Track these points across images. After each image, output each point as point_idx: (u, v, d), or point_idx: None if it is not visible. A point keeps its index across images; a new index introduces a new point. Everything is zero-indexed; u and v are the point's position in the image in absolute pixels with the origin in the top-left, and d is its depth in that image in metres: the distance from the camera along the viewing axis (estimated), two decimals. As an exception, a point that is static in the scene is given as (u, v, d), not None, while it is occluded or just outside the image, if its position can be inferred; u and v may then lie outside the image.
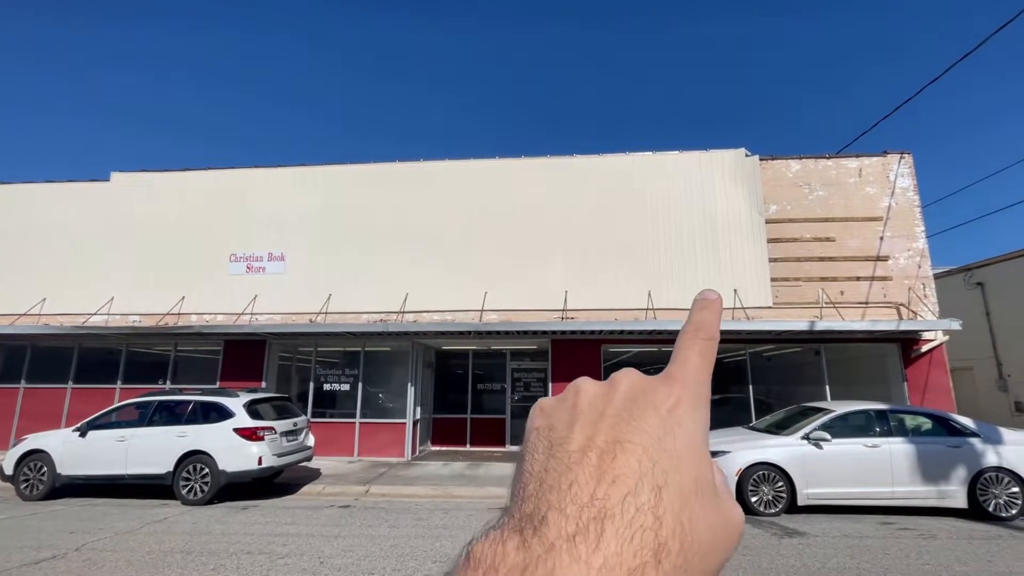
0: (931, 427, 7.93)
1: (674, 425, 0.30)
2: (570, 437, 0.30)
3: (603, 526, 0.25)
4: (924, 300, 11.52)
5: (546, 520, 0.26)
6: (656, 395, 0.31)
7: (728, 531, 0.29)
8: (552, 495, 0.27)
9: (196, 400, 8.76)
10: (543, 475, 0.28)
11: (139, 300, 13.07)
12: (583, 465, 0.28)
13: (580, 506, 0.26)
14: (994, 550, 6.02)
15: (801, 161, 12.47)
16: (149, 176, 14.08)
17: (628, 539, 0.25)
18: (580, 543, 0.25)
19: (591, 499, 0.26)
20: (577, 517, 0.26)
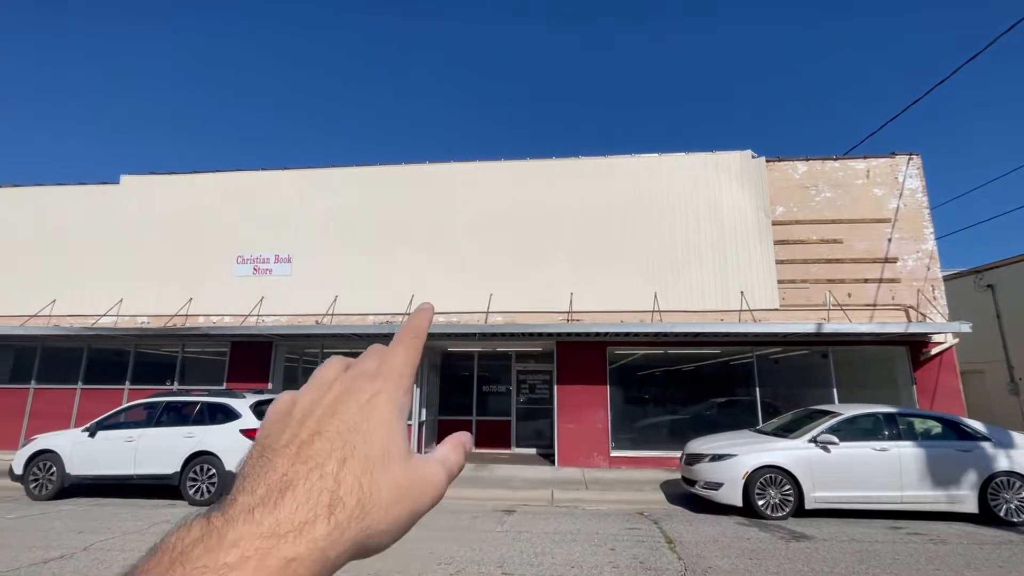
0: (941, 431, 7.85)
1: (371, 410, 0.37)
2: (280, 438, 0.35)
3: (284, 495, 0.30)
4: (933, 302, 11.41)
5: (235, 501, 0.31)
6: (361, 390, 0.38)
7: (416, 488, 0.36)
8: (247, 483, 0.32)
9: (203, 401, 8.82)
10: (247, 472, 0.33)
11: (148, 301, 13.19)
12: (283, 455, 0.33)
13: (269, 485, 0.31)
14: (1005, 555, 5.94)
15: (808, 162, 12.40)
16: (158, 179, 14.22)
17: (304, 501, 0.30)
18: (257, 511, 0.30)
19: (281, 477, 0.32)
20: (263, 494, 0.31)
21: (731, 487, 7.58)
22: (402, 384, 0.40)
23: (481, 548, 6.05)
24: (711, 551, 6.02)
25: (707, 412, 12.10)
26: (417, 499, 0.36)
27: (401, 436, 0.37)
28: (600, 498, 8.79)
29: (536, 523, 7.21)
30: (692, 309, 11.71)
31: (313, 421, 0.36)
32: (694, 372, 12.57)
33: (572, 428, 11.66)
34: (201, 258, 13.37)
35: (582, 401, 11.76)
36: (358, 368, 0.41)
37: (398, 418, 0.38)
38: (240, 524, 0.29)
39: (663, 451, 11.34)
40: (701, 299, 11.80)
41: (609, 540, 6.43)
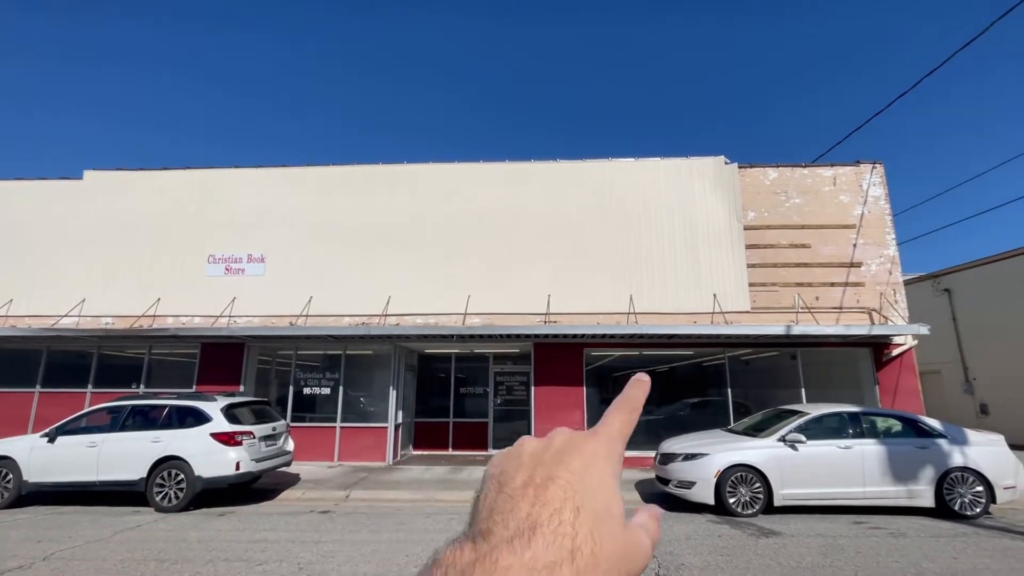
0: (901, 429, 8.19)
1: (592, 467, 0.39)
2: (515, 478, 0.39)
3: (534, 533, 0.34)
4: (895, 306, 11.89)
5: (492, 531, 0.35)
6: (582, 446, 0.41)
7: (631, 553, 0.37)
8: (498, 516, 0.36)
9: (171, 404, 8.57)
10: (493, 506, 0.37)
11: (112, 302, 12.74)
12: (524, 496, 0.37)
13: (518, 521, 0.35)
14: (959, 547, 6.24)
15: (778, 169, 12.79)
16: (124, 175, 13.75)
17: (551, 542, 0.33)
18: (516, 543, 0.33)
19: (526, 516, 0.35)
20: (515, 528, 0.34)
21: (703, 486, 7.76)
22: (618, 448, 0.43)
23: (458, 550, 6.03)
24: (683, 549, 6.15)
25: (680, 412, 12.34)
26: (632, 563, 0.37)
27: (619, 499, 0.39)
28: (576, 498, 8.84)
29: (513, 524, 7.22)
30: (666, 311, 11.93)
31: (544, 468, 0.39)
32: (668, 373, 12.81)
33: (549, 429, 11.58)
34: (170, 257, 12.98)
35: (559, 402, 11.85)
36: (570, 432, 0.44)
37: (615, 479, 0.40)
38: (506, 553, 0.32)
39: (638, 451, 11.51)
40: (675, 301, 12.04)
41: (585, 540, 6.48)
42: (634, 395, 0.47)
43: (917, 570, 5.46)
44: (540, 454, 0.41)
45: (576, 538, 0.34)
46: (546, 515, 0.35)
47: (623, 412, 0.45)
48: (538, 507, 0.35)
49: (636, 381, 0.48)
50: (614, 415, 0.45)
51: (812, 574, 5.35)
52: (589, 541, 0.34)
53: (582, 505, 0.36)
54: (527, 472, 0.39)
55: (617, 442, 0.43)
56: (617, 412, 0.45)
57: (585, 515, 0.35)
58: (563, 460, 0.39)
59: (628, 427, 0.44)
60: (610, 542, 0.35)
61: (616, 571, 0.35)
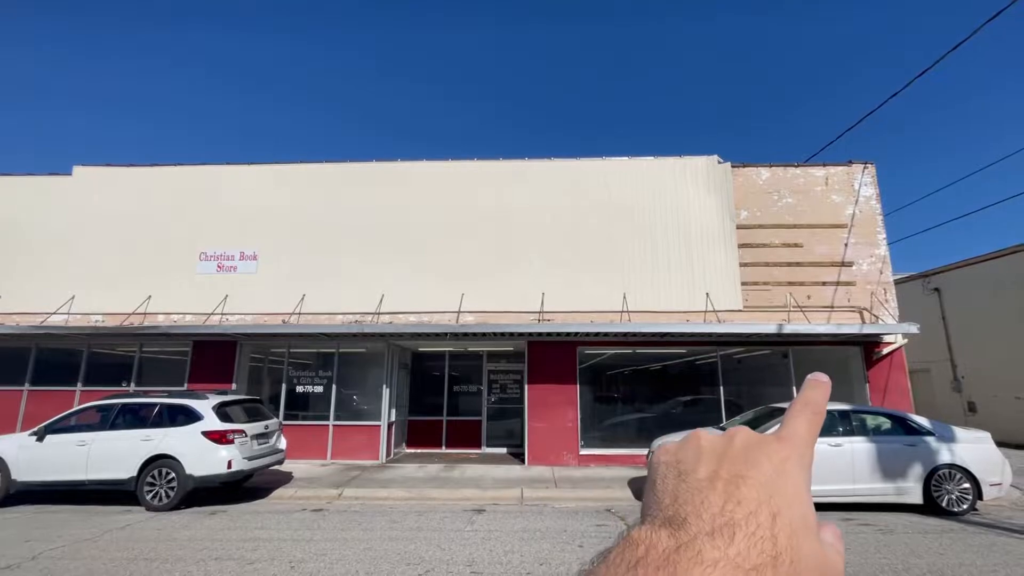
0: (890, 426, 8.28)
1: (785, 475, 0.36)
2: (697, 469, 0.37)
3: (734, 531, 0.32)
4: (885, 305, 12.00)
5: (687, 521, 0.33)
6: (769, 448, 0.38)
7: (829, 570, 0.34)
8: (688, 506, 0.34)
9: (162, 402, 8.51)
10: (676, 493, 0.35)
11: (102, 299, 12.61)
12: (712, 489, 0.35)
13: (713, 515, 0.33)
14: (946, 543, 6.32)
15: (771, 169, 12.86)
16: (114, 171, 13.61)
17: (753, 543, 0.31)
18: (717, 538, 0.31)
19: (721, 511, 0.33)
20: (711, 522, 0.32)
21: (695, 483, 7.79)
22: (808, 455, 0.39)
23: (451, 548, 6.06)
24: (675, 545, 6.18)
25: (673, 410, 12.41)
26: None
27: (813, 511, 0.36)
28: (569, 496, 8.90)
29: (506, 522, 7.25)
30: (659, 310, 11.98)
31: (730, 463, 0.36)
32: (661, 371, 12.87)
33: (542, 427, 11.76)
34: (161, 254, 12.87)
35: (552, 400, 11.88)
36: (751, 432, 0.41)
37: (808, 489, 0.37)
38: (710, 547, 0.31)
39: (631, 449, 11.57)
40: (668, 300, 12.09)
41: (577, 537, 6.53)
42: (815, 397, 0.42)
43: (904, 566, 5.52)
44: (721, 449, 0.38)
45: (777, 544, 0.31)
46: (742, 514, 0.33)
47: (807, 415, 0.41)
48: (732, 504, 0.33)
49: (815, 382, 0.44)
50: (798, 419, 0.41)
51: (802, 570, 5.40)
52: (789, 551, 0.31)
53: (779, 512, 0.33)
54: (711, 465, 0.37)
55: (807, 448, 0.39)
56: (801, 416, 0.41)
57: (783, 522, 0.33)
58: (751, 459, 0.37)
59: (815, 432, 0.41)
60: (808, 556, 0.32)
61: None
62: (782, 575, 0.30)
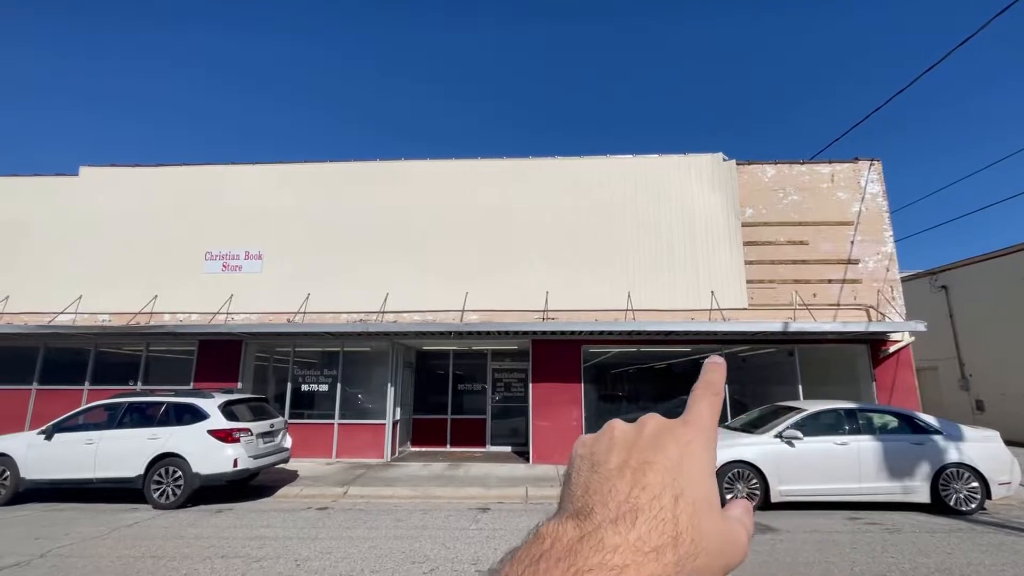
0: (897, 425, 8.21)
1: (690, 456, 0.38)
2: (609, 459, 0.39)
3: (636, 516, 0.34)
4: (892, 302, 11.92)
5: (593, 511, 0.35)
6: (676, 433, 0.40)
7: (729, 545, 0.37)
8: (596, 496, 0.36)
9: (169, 401, 8.56)
10: (588, 485, 0.37)
11: (109, 299, 12.70)
12: (620, 478, 0.37)
13: (618, 503, 0.35)
14: (954, 543, 6.28)
15: (776, 166, 12.78)
16: (120, 171, 13.69)
17: (654, 526, 0.33)
18: (620, 524, 0.33)
19: (627, 498, 0.35)
20: (617, 509, 0.34)
21: (700, 482, 7.77)
22: (711, 436, 0.42)
23: (455, 547, 6.07)
24: (681, 544, 6.16)
25: (678, 409, 11.66)
26: (730, 556, 0.36)
27: (716, 489, 0.38)
28: (574, 495, 8.87)
29: (511, 521, 7.26)
30: (664, 308, 11.94)
31: (639, 452, 0.38)
32: (666, 370, 12.84)
33: (547, 426, 11.76)
34: (167, 254, 12.94)
35: (557, 399, 11.87)
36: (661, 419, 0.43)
37: (712, 468, 0.40)
38: (611, 533, 0.33)
39: (636, 447, 11.53)
40: (672, 298, 12.05)
41: (582, 536, 6.51)
42: (714, 379, 0.46)
43: (912, 565, 5.49)
44: (633, 438, 0.40)
45: (678, 525, 0.34)
46: (646, 499, 0.35)
47: (708, 398, 0.44)
48: (637, 490, 0.35)
49: (713, 364, 0.47)
50: (701, 402, 0.43)
51: (808, 569, 5.38)
52: (690, 529, 0.34)
53: (682, 493, 0.35)
54: (621, 455, 0.39)
55: (711, 430, 0.42)
56: (703, 399, 0.44)
57: (685, 503, 0.35)
58: (659, 445, 0.39)
59: (717, 413, 0.44)
60: (710, 533, 0.35)
61: (715, 562, 0.35)
62: (682, 553, 0.33)
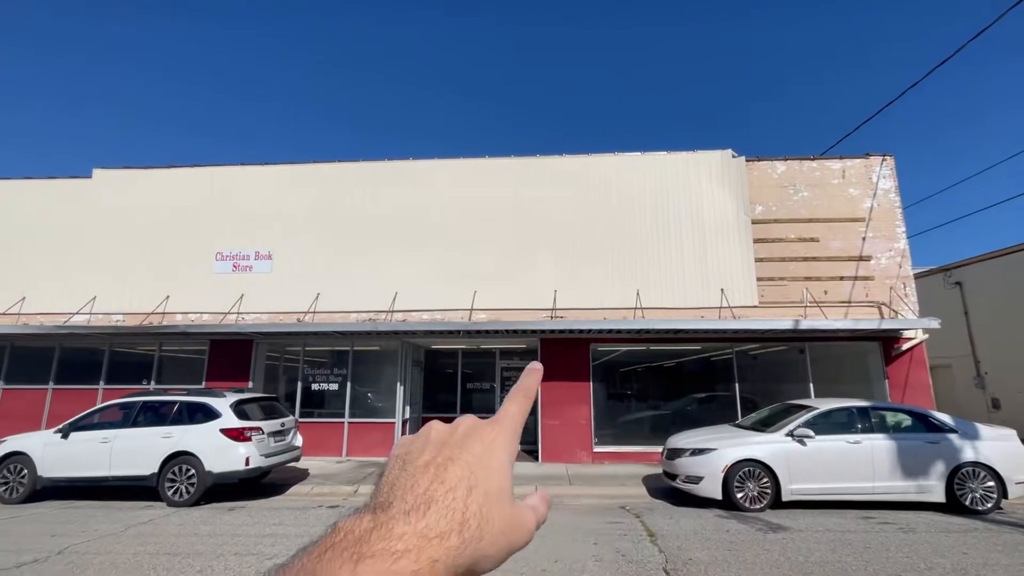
0: (911, 423, 8.12)
1: (492, 451, 0.44)
2: (419, 457, 0.43)
3: (430, 506, 0.38)
4: (905, 299, 11.77)
5: (392, 504, 0.39)
6: (483, 431, 0.46)
7: (515, 528, 0.42)
8: (398, 491, 0.40)
9: (182, 400, 8.66)
10: (395, 482, 0.41)
11: (122, 299, 12.87)
12: (424, 474, 0.41)
13: (416, 496, 0.39)
14: (970, 542, 6.19)
15: (786, 162, 12.66)
16: (132, 173, 13.85)
17: (444, 515, 0.38)
18: (412, 515, 0.37)
19: (424, 491, 0.39)
20: (413, 502, 0.38)
21: (711, 481, 7.75)
22: (515, 434, 0.47)
23: (465, 544, 6.07)
24: (691, 543, 6.15)
25: (688, 407, 12.31)
26: (515, 537, 0.42)
27: (511, 480, 0.44)
28: (583, 493, 8.89)
29: (520, 519, 7.25)
30: (673, 306, 11.87)
31: (448, 449, 0.43)
32: (675, 368, 12.77)
33: (555, 424, 11.75)
34: (178, 255, 13.09)
35: (565, 398, 11.86)
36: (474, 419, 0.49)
37: (510, 462, 0.45)
38: (401, 523, 0.37)
39: (645, 446, 11.51)
40: (682, 296, 11.98)
41: (592, 534, 6.51)
42: (529, 383, 0.52)
43: (927, 565, 5.42)
44: (445, 438, 0.45)
45: (466, 512, 0.38)
46: (442, 491, 0.39)
47: (519, 400, 0.50)
48: (436, 484, 0.40)
49: (531, 370, 0.53)
50: (511, 403, 0.49)
51: (821, 569, 5.33)
52: (478, 516, 0.39)
53: (476, 485, 0.41)
54: (431, 453, 0.43)
55: (515, 429, 0.47)
56: (514, 400, 0.50)
57: (477, 493, 0.40)
58: (466, 444, 0.44)
59: (524, 414, 0.49)
60: (497, 518, 0.40)
61: (500, 542, 0.40)
62: (467, 536, 0.37)
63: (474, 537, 0.38)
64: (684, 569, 5.32)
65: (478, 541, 0.38)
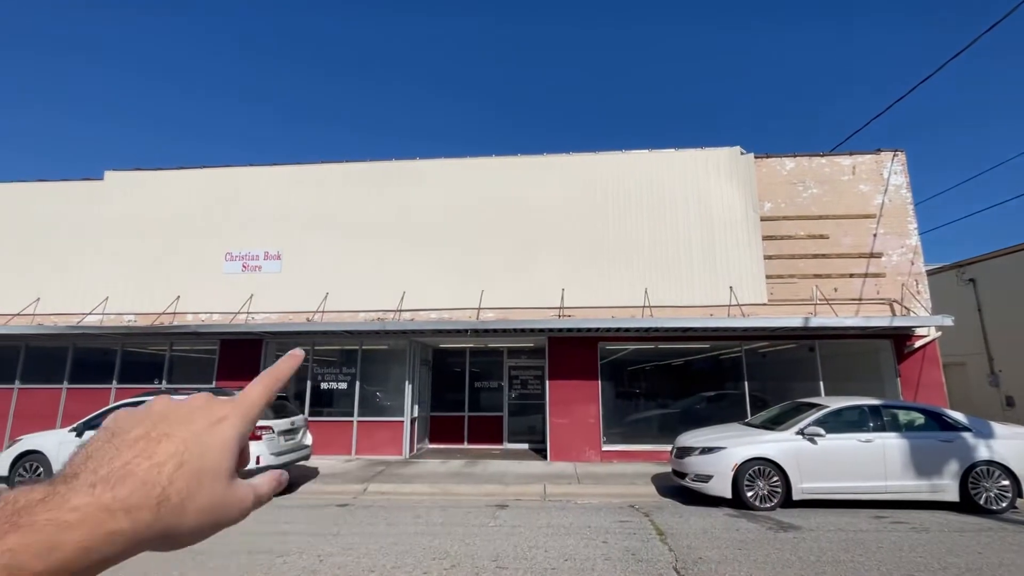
0: (924, 422, 8.03)
1: (216, 430, 0.43)
2: (132, 430, 0.41)
3: (124, 479, 0.36)
4: (917, 296, 11.63)
5: (77, 476, 0.36)
6: (212, 409, 0.45)
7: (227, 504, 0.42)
8: (92, 463, 0.37)
9: (193, 400, 8.74)
10: (93, 452, 0.39)
11: (134, 299, 13.03)
12: (132, 447, 0.39)
13: (111, 469, 0.37)
14: (984, 542, 6.12)
15: (795, 159, 12.55)
16: (143, 175, 14.01)
17: (138, 488, 0.36)
18: (100, 487, 0.35)
19: (123, 465, 0.37)
20: (106, 475, 0.36)
21: (720, 479, 7.71)
22: (250, 415, 0.46)
23: (475, 543, 6.10)
24: (701, 542, 6.12)
25: (697, 406, 12.25)
26: (223, 515, 0.42)
27: (232, 459, 0.43)
28: (592, 492, 8.88)
29: (529, 517, 7.27)
30: (682, 304, 11.82)
31: (166, 424, 0.42)
32: (684, 366, 12.72)
33: (564, 423, 11.75)
34: (189, 255, 13.22)
35: (574, 396, 11.85)
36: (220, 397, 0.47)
37: (236, 443, 0.44)
38: (82, 494, 0.35)
39: (654, 445, 11.47)
40: (691, 294, 11.93)
41: (601, 533, 6.51)
42: (282, 366, 0.51)
43: (941, 564, 5.36)
44: (168, 412, 0.43)
45: (167, 488, 0.37)
46: (145, 466, 0.38)
47: (265, 381, 0.49)
48: (141, 458, 0.38)
49: (290, 355, 0.53)
50: (256, 384, 0.48)
51: (833, 568, 5.29)
52: (181, 493, 0.38)
53: (188, 461, 0.39)
54: (146, 427, 0.41)
55: (251, 408, 0.46)
56: (259, 381, 0.49)
57: (187, 470, 0.39)
58: (190, 420, 0.43)
59: (266, 395, 0.48)
60: (206, 495, 0.40)
61: (203, 520, 0.40)
62: (164, 512, 0.37)
63: (172, 513, 0.37)
64: (695, 568, 5.30)
65: (177, 517, 0.37)
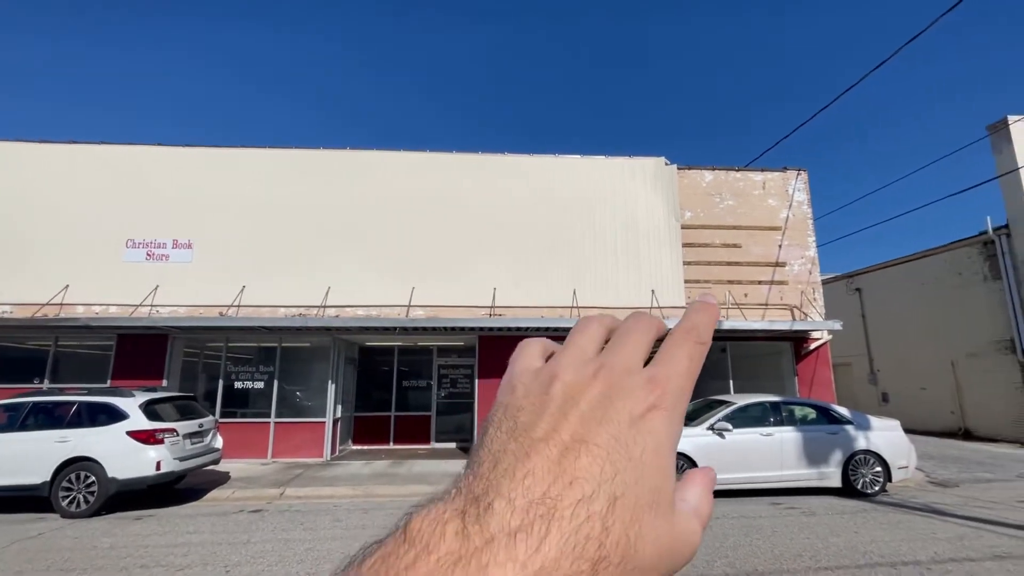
0: (815, 416, 8.90)
1: (645, 432, 0.28)
2: (537, 424, 0.28)
3: (549, 527, 0.24)
4: (813, 303, 12.87)
5: (492, 508, 0.25)
6: (635, 395, 0.30)
7: (676, 549, 0.28)
8: (504, 481, 0.26)
9: (81, 401, 7.85)
10: (500, 456, 0.27)
11: (10, 288, 11.47)
12: (543, 456, 0.27)
13: (530, 500, 0.25)
14: (860, 522, 6.89)
15: (714, 172, 13.45)
16: (27, 147, 12.38)
17: (571, 546, 0.24)
18: (520, 541, 0.23)
19: (543, 496, 0.25)
20: (524, 511, 0.24)
21: (638, 473, 8.07)
22: (682, 403, 0.31)
23: (397, 545, 5.96)
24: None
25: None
26: (676, 558, 0.28)
27: (673, 477, 0.29)
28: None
29: (454, 517, 7.22)
30: (607, 305, 12.28)
31: (577, 417, 0.28)
32: (609, 366, 13.19)
33: (492, 421, 11.78)
34: (81, 241, 11.84)
35: (503, 395, 11.91)
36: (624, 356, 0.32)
37: (672, 450, 0.29)
38: (502, 554, 0.23)
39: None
40: (616, 295, 12.41)
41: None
42: (699, 321, 0.34)
43: (824, 544, 5.97)
44: (577, 395, 0.29)
45: (606, 542, 0.24)
46: (570, 501, 0.25)
47: (689, 347, 0.33)
48: (561, 485, 0.25)
49: (702, 304, 0.36)
50: (678, 351, 0.32)
51: (735, 552, 5.72)
52: (623, 545, 0.25)
53: (623, 494, 0.26)
54: (553, 418, 0.28)
55: (683, 394, 0.31)
56: (682, 348, 0.33)
57: (623, 505, 0.26)
58: (607, 413, 0.28)
59: (697, 368, 0.32)
60: (651, 542, 0.26)
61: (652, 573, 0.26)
62: None
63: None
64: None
65: None
